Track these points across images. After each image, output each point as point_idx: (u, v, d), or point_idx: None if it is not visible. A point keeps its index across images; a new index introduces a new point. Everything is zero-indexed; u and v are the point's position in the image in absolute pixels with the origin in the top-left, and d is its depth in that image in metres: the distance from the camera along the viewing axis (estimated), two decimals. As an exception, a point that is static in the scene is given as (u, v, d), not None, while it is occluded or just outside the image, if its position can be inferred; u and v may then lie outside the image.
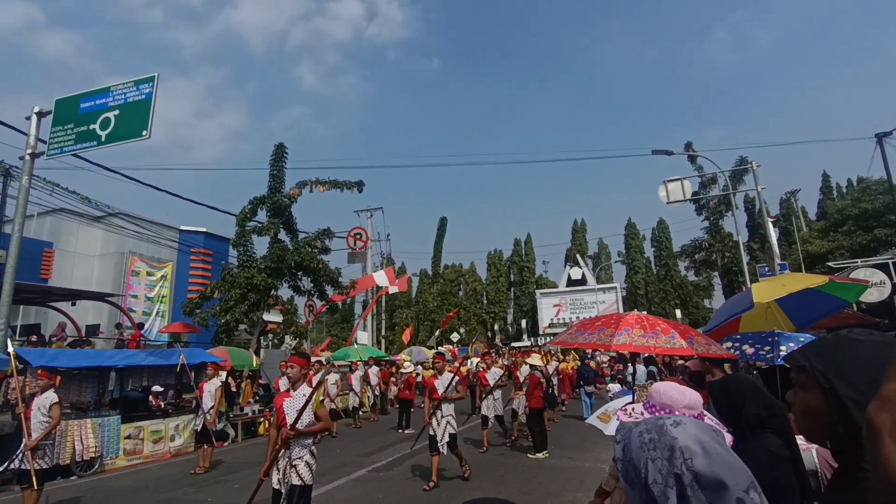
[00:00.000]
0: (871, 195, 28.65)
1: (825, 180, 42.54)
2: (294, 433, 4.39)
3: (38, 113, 10.97)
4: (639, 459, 0.89)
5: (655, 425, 0.92)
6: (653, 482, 0.85)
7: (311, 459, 4.54)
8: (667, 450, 0.87)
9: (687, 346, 4.18)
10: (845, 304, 6.34)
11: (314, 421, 4.57)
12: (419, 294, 50.83)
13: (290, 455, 4.45)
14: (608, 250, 54.68)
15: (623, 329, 4.31)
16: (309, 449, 4.54)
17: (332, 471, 8.61)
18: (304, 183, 18.74)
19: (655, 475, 0.85)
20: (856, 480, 0.99)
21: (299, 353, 4.92)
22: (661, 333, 4.25)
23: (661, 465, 0.86)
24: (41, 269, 20.04)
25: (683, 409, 1.65)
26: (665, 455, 0.86)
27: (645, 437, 0.91)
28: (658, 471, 0.86)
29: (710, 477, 0.82)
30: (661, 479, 0.85)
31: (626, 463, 0.92)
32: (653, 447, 0.89)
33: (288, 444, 4.42)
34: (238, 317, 16.44)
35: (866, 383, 1.00)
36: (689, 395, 1.70)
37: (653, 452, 0.88)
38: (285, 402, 4.59)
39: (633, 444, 0.92)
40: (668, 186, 18.50)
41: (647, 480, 0.86)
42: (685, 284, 44.75)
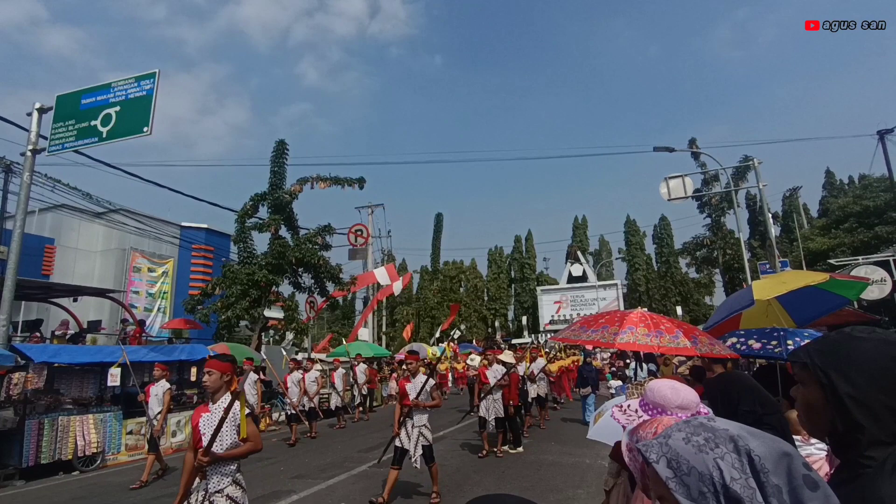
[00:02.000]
0: (872, 192, 28.60)
1: (829, 177, 42.45)
2: (207, 459, 3.38)
3: (39, 109, 10.97)
4: (704, 464, 0.80)
5: (697, 426, 0.86)
6: (731, 480, 0.77)
7: (234, 491, 3.52)
8: (729, 442, 0.81)
9: (691, 346, 4.16)
10: (846, 302, 6.33)
11: (237, 442, 3.55)
12: (420, 291, 50.87)
13: (207, 487, 3.45)
14: (609, 247, 54.66)
15: (627, 327, 4.26)
16: (231, 478, 3.53)
17: (332, 466, 8.64)
18: (305, 179, 18.74)
19: (731, 472, 0.78)
20: (856, 476, 1.00)
21: (220, 356, 3.87)
22: (665, 332, 4.22)
23: (732, 459, 0.79)
24: (43, 265, 20.09)
25: (675, 409, 1.62)
26: (731, 448, 0.80)
27: (696, 440, 0.83)
28: (732, 466, 0.78)
29: (770, 453, 0.78)
30: (739, 473, 0.78)
31: (685, 477, 0.81)
32: (714, 445, 0.81)
33: (203, 473, 3.46)
34: (239, 313, 16.47)
35: (866, 381, 1.00)
36: (682, 394, 1.66)
37: (718, 450, 0.80)
38: (202, 419, 3.62)
39: (686, 452, 0.82)
40: (669, 183, 18.47)
41: (724, 482, 0.78)
42: (686, 281, 44.73)
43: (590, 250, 52.67)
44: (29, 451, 8.78)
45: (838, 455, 1.08)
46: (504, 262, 51.54)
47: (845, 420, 1.02)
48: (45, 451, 8.96)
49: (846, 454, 1.06)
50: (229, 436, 3.52)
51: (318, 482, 7.68)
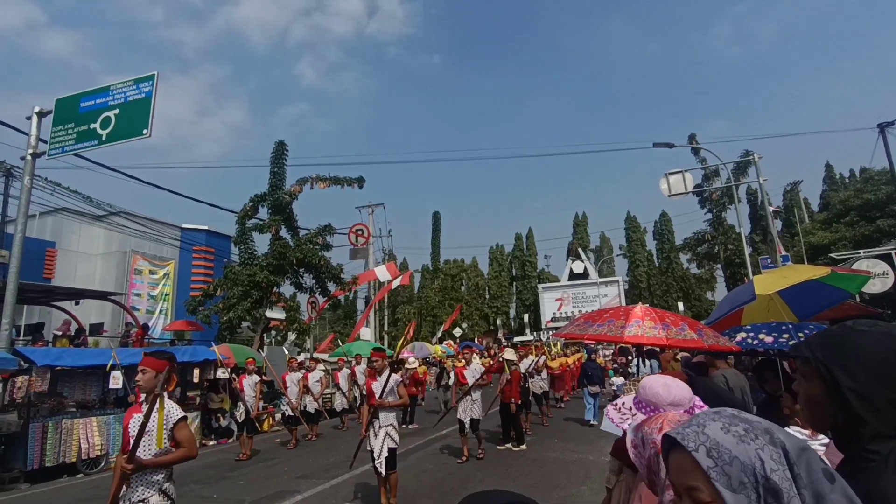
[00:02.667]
0: (873, 185, 28.53)
1: (829, 171, 42.41)
2: (131, 467, 3.00)
3: (38, 113, 10.97)
4: (746, 455, 0.79)
5: (731, 417, 0.85)
6: (771, 471, 0.78)
7: (160, 503, 3.18)
8: (766, 434, 0.81)
9: (698, 338, 4.14)
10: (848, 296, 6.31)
11: (168, 448, 3.21)
12: (421, 290, 50.90)
13: (130, 497, 3.11)
14: (610, 244, 54.67)
15: (633, 321, 4.24)
16: (158, 488, 3.18)
17: (336, 466, 8.65)
18: (304, 180, 18.75)
19: (771, 463, 0.78)
20: (859, 470, 1.00)
21: (156, 353, 3.48)
22: (671, 325, 4.20)
23: (770, 451, 0.79)
24: (44, 268, 20.10)
25: (668, 406, 1.60)
26: (767, 440, 0.80)
27: (736, 430, 0.82)
28: (771, 458, 0.79)
29: (794, 448, 0.79)
30: (777, 464, 0.78)
31: (727, 466, 0.80)
32: (754, 436, 0.81)
33: (128, 481, 3.11)
34: (241, 314, 16.49)
35: (868, 374, 1.00)
36: (674, 391, 1.63)
37: (758, 441, 0.80)
38: (132, 420, 3.25)
39: (727, 442, 0.81)
40: (669, 179, 18.44)
41: (765, 473, 0.78)
42: (687, 277, 44.71)
43: (591, 247, 52.72)
44: (33, 454, 8.80)
45: (841, 449, 1.08)
46: (505, 260, 51.57)
47: (847, 414, 1.01)
48: (49, 454, 8.98)
49: (849, 448, 1.05)
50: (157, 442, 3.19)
51: (322, 482, 7.70)
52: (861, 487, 0.96)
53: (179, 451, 3.25)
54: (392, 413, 6.22)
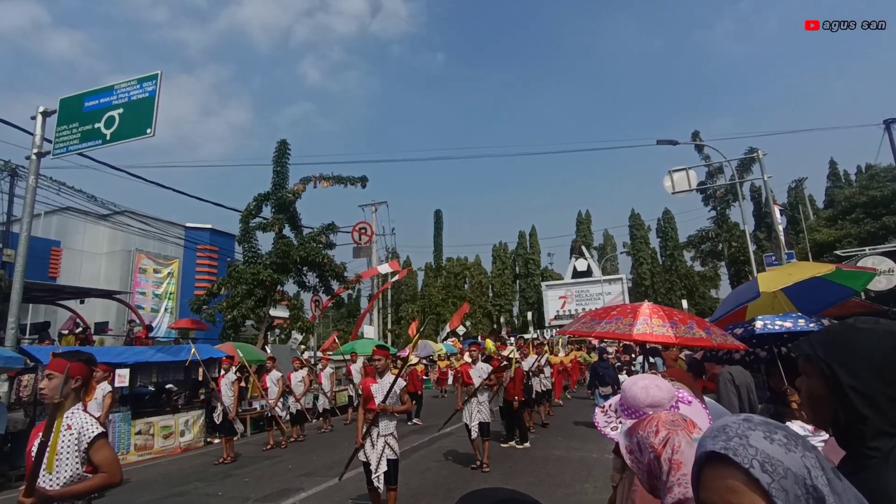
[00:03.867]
0: (879, 182, 28.36)
1: (832, 168, 42.23)
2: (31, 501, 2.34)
3: (43, 112, 11.02)
4: (797, 465, 0.74)
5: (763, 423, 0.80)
6: (815, 478, 0.73)
7: None
8: (798, 437, 0.77)
9: (706, 337, 4.09)
10: (853, 293, 6.28)
11: (82, 475, 2.56)
12: (424, 288, 50.95)
13: None
14: (613, 241, 54.56)
15: (641, 318, 4.18)
16: None
17: (340, 464, 8.63)
18: (308, 179, 18.80)
19: (815, 471, 0.74)
20: (861, 467, 1.00)
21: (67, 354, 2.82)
22: (679, 323, 4.16)
23: (810, 458, 0.75)
24: (49, 267, 20.22)
25: (647, 408, 1.58)
26: (803, 444, 0.76)
27: (778, 438, 0.77)
28: (813, 464, 0.74)
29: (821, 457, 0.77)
30: (818, 471, 0.74)
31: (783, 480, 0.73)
32: (795, 443, 0.76)
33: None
34: (245, 312, 16.56)
35: (869, 372, 1.00)
36: (653, 392, 1.60)
37: (800, 448, 0.76)
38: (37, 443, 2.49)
39: (777, 454, 0.75)
40: (673, 176, 18.39)
41: (813, 482, 0.73)
42: (691, 275, 44.60)
43: (594, 245, 52.62)
44: (39, 452, 8.84)
45: (843, 446, 1.08)
46: (508, 258, 51.56)
47: (848, 412, 1.02)
48: (55, 452, 9.02)
49: (850, 446, 1.06)
50: (68, 466, 2.55)
51: (327, 480, 7.72)
52: (863, 485, 0.96)
53: (97, 478, 2.59)
54: (393, 421, 5.60)
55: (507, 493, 0.98)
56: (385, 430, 5.47)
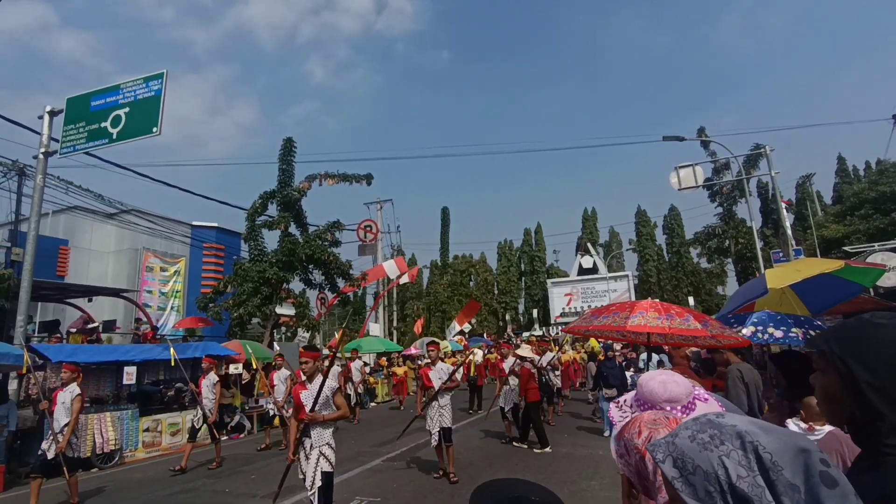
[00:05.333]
0: (888, 178, 28.09)
1: (841, 163, 41.85)
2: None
3: (50, 112, 11.08)
4: (709, 463, 0.77)
5: (704, 423, 0.83)
6: (738, 478, 0.75)
7: None
8: (736, 439, 0.77)
9: (702, 328, 4.14)
10: (862, 289, 6.23)
11: None
12: (430, 285, 50.96)
13: None
14: (619, 238, 54.33)
15: (637, 311, 4.29)
16: None
17: (346, 461, 8.69)
18: (313, 177, 18.82)
19: (738, 469, 0.75)
20: (877, 464, 0.98)
21: None
22: (675, 316, 4.22)
23: (738, 456, 0.76)
24: (57, 266, 20.34)
25: (664, 403, 1.56)
26: (736, 444, 0.77)
27: (702, 437, 0.80)
28: (738, 463, 0.76)
29: (784, 449, 0.75)
30: (745, 470, 0.75)
31: (691, 476, 0.78)
32: (720, 442, 0.78)
33: None
34: (251, 310, 16.62)
35: (886, 368, 0.98)
36: (671, 388, 1.58)
37: (723, 447, 0.77)
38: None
39: (691, 451, 0.80)
40: (679, 173, 18.28)
41: (731, 481, 0.75)
42: (698, 272, 44.35)
43: (600, 242, 52.46)
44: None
45: (859, 444, 1.07)
46: (514, 256, 51.46)
47: (864, 408, 1.00)
48: (64, 449, 9.09)
49: (866, 443, 1.04)
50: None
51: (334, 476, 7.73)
52: (879, 482, 0.94)
53: None
54: (328, 429, 4.97)
55: (522, 488, 0.98)
56: (319, 440, 4.88)
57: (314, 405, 4.74)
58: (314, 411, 4.73)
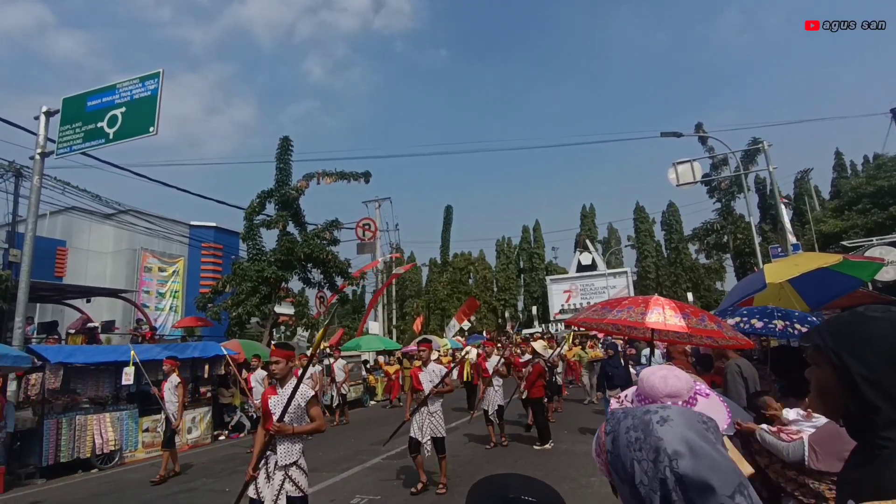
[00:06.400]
0: (886, 172, 28.13)
1: (838, 158, 41.89)
2: None
3: (46, 112, 11.05)
4: (625, 457, 0.87)
5: (642, 422, 0.89)
6: (639, 483, 0.83)
7: None
8: (652, 451, 0.83)
9: (717, 329, 4.07)
10: (860, 283, 6.24)
11: None
12: (429, 283, 50.95)
13: None
14: (618, 235, 54.36)
15: (654, 307, 4.15)
16: None
17: (345, 460, 8.70)
18: (311, 175, 18.77)
19: (642, 476, 0.83)
20: (872, 457, 0.98)
21: None
22: (691, 315, 4.13)
23: (646, 466, 0.83)
24: (55, 267, 20.32)
25: (665, 398, 1.57)
26: (650, 457, 0.83)
27: (631, 434, 0.88)
28: (644, 472, 0.83)
29: (695, 480, 0.79)
30: (647, 480, 0.82)
31: (614, 457, 0.90)
32: (638, 447, 0.86)
33: None
34: (250, 310, 16.61)
35: (880, 361, 0.98)
36: (672, 382, 1.59)
37: (638, 453, 0.85)
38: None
39: (621, 440, 0.89)
40: (677, 169, 18.30)
41: (633, 480, 0.84)
42: (696, 267, 44.38)
43: (598, 238, 52.47)
44: (48, 449, 8.93)
45: (854, 437, 1.06)
46: (512, 253, 51.47)
47: (859, 402, 0.99)
48: (64, 450, 9.11)
49: (862, 436, 1.03)
50: None
51: (333, 475, 7.75)
52: (875, 475, 0.94)
53: None
54: (297, 444, 4.06)
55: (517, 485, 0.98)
56: (285, 457, 3.98)
57: (283, 414, 3.93)
58: (282, 421, 3.92)
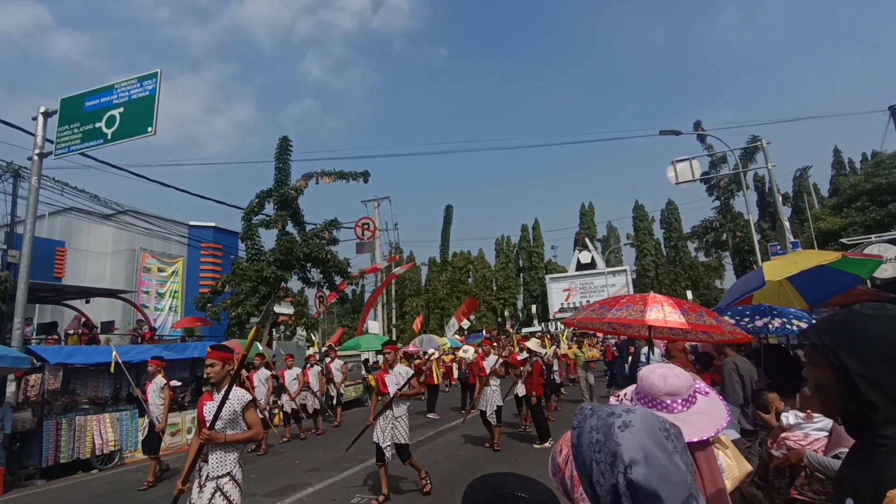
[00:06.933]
0: (884, 169, 28.14)
1: (837, 156, 41.89)
2: None
3: (44, 113, 11.03)
4: (586, 456, 0.91)
5: (605, 424, 0.92)
6: (596, 482, 0.88)
7: None
8: (610, 455, 0.87)
9: (717, 325, 4.07)
10: (859, 281, 6.25)
11: None
12: (428, 282, 50.95)
13: None
14: (617, 233, 54.40)
15: (652, 305, 4.14)
16: None
17: (346, 459, 8.70)
18: (310, 175, 18.77)
19: (599, 477, 0.88)
20: (871, 455, 0.98)
21: None
22: (689, 311, 4.13)
23: (603, 468, 0.87)
24: (54, 267, 20.29)
25: (664, 396, 1.57)
26: (608, 461, 0.87)
27: (593, 435, 0.92)
28: (601, 473, 0.87)
29: (646, 489, 0.82)
30: (603, 482, 0.87)
31: (577, 453, 0.94)
32: (598, 449, 0.89)
33: None
34: (249, 309, 16.61)
35: (878, 359, 0.98)
36: (671, 381, 1.58)
37: (598, 455, 0.89)
38: None
39: (584, 439, 0.93)
40: (676, 167, 18.28)
41: (591, 479, 0.89)
42: (695, 265, 44.41)
43: (598, 237, 52.48)
44: (48, 450, 8.93)
45: (852, 435, 1.07)
46: (512, 252, 51.48)
47: (857, 400, 1.00)
48: (63, 451, 9.11)
49: (860, 434, 1.04)
50: None
51: (333, 475, 7.76)
52: (874, 472, 0.94)
53: None
54: (231, 454, 3.75)
55: (512, 483, 0.99)
56: (218, 468, 3.66)
57: (214, 420, 3.57)
58: (213, 429, 3.58)
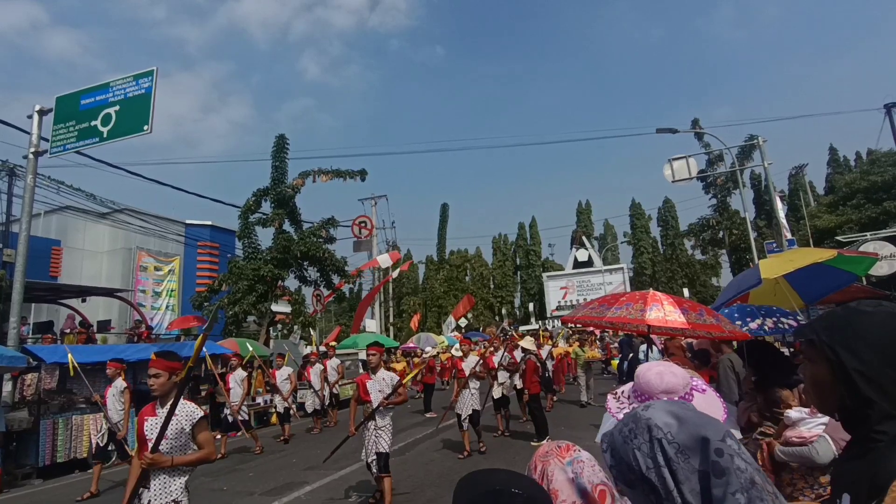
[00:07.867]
0: (880, 167, 28.21)
1: (833, 153, 42.03)
2: None
3: (39, 111, 10.97)
4: (627, 455, 0.87)
5: (630, 416, 0.91)
6: (647, 470, 0.83)
7: None
8: (646, 432, 0.85)
9: (717, 324, 4.06)
10: (854, 278, 6.27)
11: None
12: (426, 281, 50.95)
13: None
14: (614, 231, 54.48)
15: (652, 304, 4.12)
16: None
17: (344, 458, 8.67)
18: (307, 173, 18.76)
19: (646, 461, 0.83)
20: (866, 451, 0.99)
21: None
22: (689, 310, 4.12)
23: (646, 449, 0.84)
24: (50, 266, 20.23)
25: (661, 394, 1.57)
26: (646, 438, 0.85)
27: (625, 430, 0.89)
28: (647, 456, 0.84)
29: (690, 439, 0.82)
30: (652, 462, 0.83)
31: (619, 467, 0.89)
32: (633, 436, 0.87)
33: None
34: (246, 308, 16.59)
35: (874, 355, 0.99)
36: (668, 379, 1.59)
37: (636, 441, 0.86)
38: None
39: (618, 443, 0.90)
40: (673, 165, 18.30)
41: (641, 472, 0.84)
42: (692, 263, 44.52)
43: (595, 235, 52.54)
44: (45, 450, 8.91)
45: (849, 431, 1.07)
46: (509, 250, 51.51)
47: (854, 396, 1.00)
48: (60, 450, 9.09)
49: (857, 430, 1.04)
50: None
51: (331, 473, 7.75)
52: (871, 468, 0.95)
53: None
54: (178, 479, 3.19)
55: (504, 479, 0.99)
56: (161, 494, 3.10)
57: (158, 441, 3.05)
58: (158, 451, 3.05)
